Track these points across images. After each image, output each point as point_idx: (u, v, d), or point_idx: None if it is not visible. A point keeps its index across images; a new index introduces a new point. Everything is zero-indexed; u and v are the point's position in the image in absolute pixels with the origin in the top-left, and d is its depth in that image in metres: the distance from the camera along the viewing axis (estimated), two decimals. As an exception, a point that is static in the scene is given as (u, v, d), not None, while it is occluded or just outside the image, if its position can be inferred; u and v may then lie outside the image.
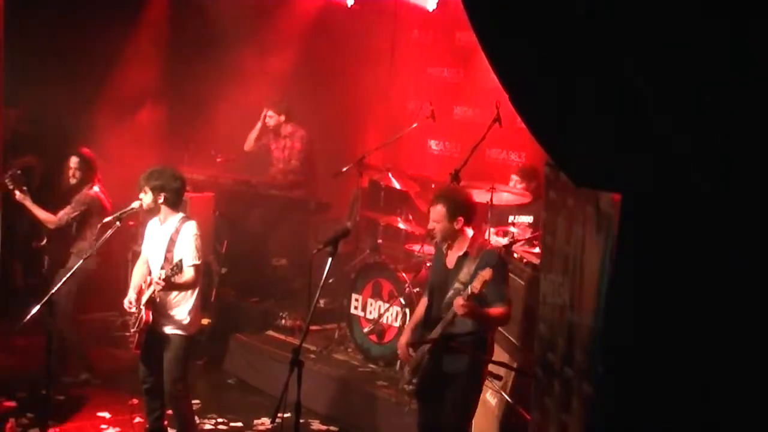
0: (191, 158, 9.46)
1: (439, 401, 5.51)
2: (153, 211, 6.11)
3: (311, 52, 10.19)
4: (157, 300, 5.98)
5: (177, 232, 6.00)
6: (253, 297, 9.28)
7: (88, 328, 8.59)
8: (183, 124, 9.79)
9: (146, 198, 6.06)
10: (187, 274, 5.93)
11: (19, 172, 7.59)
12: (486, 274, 5.07)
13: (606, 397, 3.07)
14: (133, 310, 6.03)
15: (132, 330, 6.08)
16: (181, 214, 6.09)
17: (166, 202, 6.05)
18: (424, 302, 5.77)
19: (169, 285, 5.91)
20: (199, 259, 6.00)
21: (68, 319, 7.57)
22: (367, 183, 8.72)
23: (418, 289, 7.09)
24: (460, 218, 5.41)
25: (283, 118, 9.28)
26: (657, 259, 2.82)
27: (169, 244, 5.98)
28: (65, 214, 7.59)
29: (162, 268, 5.93)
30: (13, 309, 7.56)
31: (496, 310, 5.30)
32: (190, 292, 6.07)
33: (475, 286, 5.08)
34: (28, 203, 7.56)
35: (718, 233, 2.74)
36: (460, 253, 5.46)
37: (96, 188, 7.69)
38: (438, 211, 5.41)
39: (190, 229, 6.02)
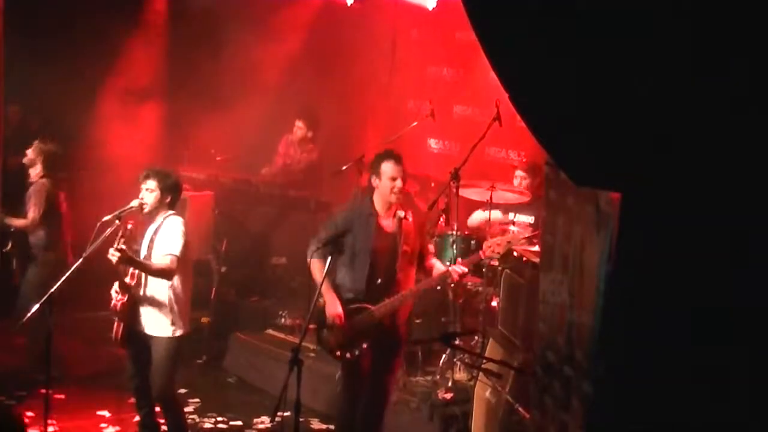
0: (191, 157, 9.47)
1: (373, 373, 5.90)
2: (151, 211, 6.06)
3: (311, 51, 10.19)
4: (138, 291, 5.94)
5: (160, 225, 6.01)
6: (252, 296, 9.29)
7: (88, 327, 8.60)
8: (183, 123, 9.79)
9: (150, 196, 6.00)
10: (163, 261, 5.88)
11: None
12: (509, 238, 5.94)
13: (606, 397, 3.06)
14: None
15: (114, 322, 6.07)
16: (170, 212, 6.09)
17: (170, 202, 6.06)
18: (319, 264, 5.84)
19: (129, 260, 5.79)
20: (177, 252, 5.90)
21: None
22: (367, 182, 8.71)
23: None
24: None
25: (311, 134, 9.42)
26: (656, 258, 2.82)
27: (152, 235, 6.00)
28: (32, 211, 7.57)
29: (144, 259, 5.94)
30: (13, 308, 7.57)
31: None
32: (171, 293, 5.99)
33: (496, 251, 5.87)
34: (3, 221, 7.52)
35: (718, 233, 2.73)
36: (399, 216, 5.86)
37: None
38: (401, 170, 5.90)
39: (174, 222, 6.01)
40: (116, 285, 5.96)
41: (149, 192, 6.00)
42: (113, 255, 5.72)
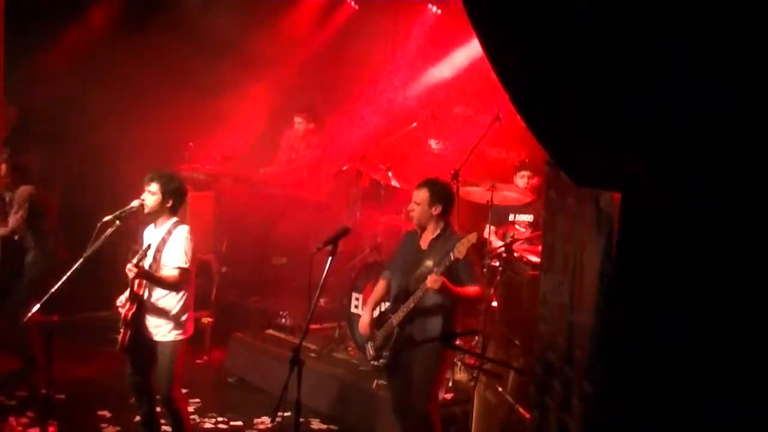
0: (191, 157, 9.47)
1: (409, 372, 5.68)
2: (152, 213, 6.06)
3: (312, 51, 10.20)
4: (144, 298, 5.94)
5: (169, 233, 5.99)
6: (253, 296, 9.30)
7: (88, 327, 8.60)
8: (183, 122, 9.79)
9: (151, 199, 5.99)
10: (171, 273, 5.92)
11: None
12: (471, 238, 5.33)
13: (606, 397, 3.07)
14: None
15: (120, 329, 6.06)
16: (175, 219, 6.08)
17: (172, 207, 6.04)
18: (382, 284, 5.98)
19: (146, 275, 5.84)
20: (186, 263, 5.94)
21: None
22: (367, 182, 8.72)
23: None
24: (438, 206, 5.70)
25: (312, 126, 9.47)
26: (656, 258, 2.82)
27: (159, 244, 5.97)
28: (14, 218, 7.51)
29: (149, 268, 5.92)
30: (9, 307, 7.55)
31: (468, 289, 5.52)
32: (176, 298, 6.00)
33: (460, 250, 5.31)
34: None
35: (717, 232, 2.74)
36: (434, 236, 5.73)
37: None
38: (421, 194, 5.72)
39: (182, 232, 6.00)
40: (124, 295, 5.97)
41: (151, 194, 6.00)
42: (131, 270, 5.77)
